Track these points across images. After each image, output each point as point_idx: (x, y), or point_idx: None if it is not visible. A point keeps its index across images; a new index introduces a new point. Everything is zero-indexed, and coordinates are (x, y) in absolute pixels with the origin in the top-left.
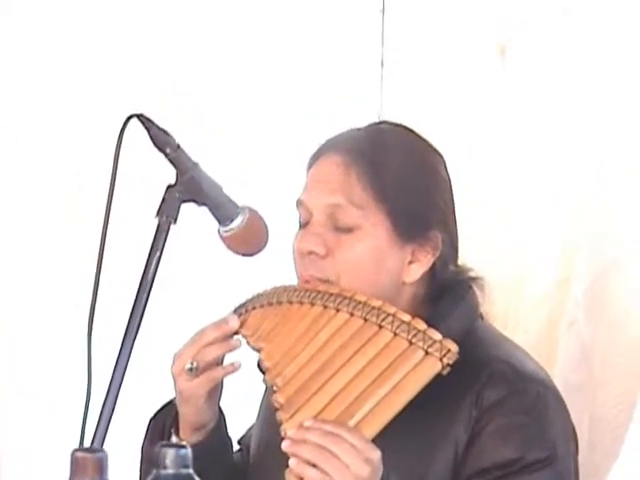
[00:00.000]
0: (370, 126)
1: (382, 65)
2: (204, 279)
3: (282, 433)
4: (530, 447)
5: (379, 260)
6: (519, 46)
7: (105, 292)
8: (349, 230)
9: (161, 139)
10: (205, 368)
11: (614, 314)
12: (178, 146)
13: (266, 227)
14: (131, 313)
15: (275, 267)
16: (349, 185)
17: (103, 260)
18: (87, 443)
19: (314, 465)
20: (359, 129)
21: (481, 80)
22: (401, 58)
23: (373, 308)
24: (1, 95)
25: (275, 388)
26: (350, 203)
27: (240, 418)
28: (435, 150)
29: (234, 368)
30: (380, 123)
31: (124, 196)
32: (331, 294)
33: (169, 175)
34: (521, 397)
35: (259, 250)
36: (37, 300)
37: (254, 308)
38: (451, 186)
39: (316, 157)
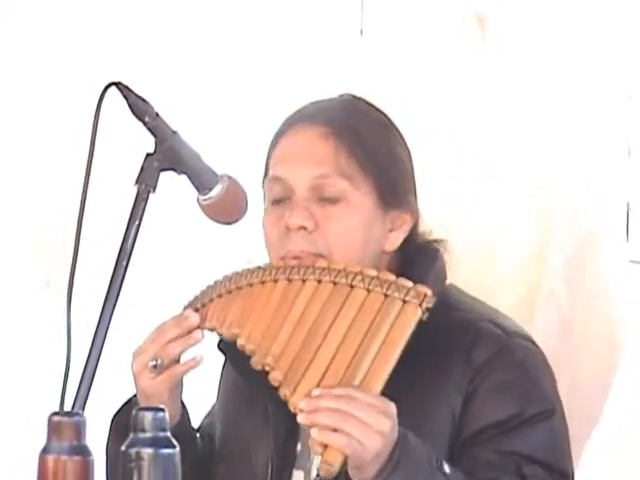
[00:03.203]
0: (336, 98)
1: (361, 34)
2: (183, 247)
3: (291, 408)
4: (527, 401)
5: (368, 230)
6: (498, 19)
7: (85, 260)
8: (336, 201)
9: (140, 107)
10: (168, 365)
11: (592, 285)
12: (157, 114)
13: (245, 195)
14: (110, 281)
15: (254, 235)
16: (334, 155)
17: (82, 228)
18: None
19: (335, 430)
20: (324, 101)
21: (461, 51)
22: (381, 27)
23: (339, 271)
24: None
25: (267, 368)
26: (337, 173)
27: (202, 408)
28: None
29: (196, 362)
30: (341, 95)
31: (103, 164)
32: (292, 267)
33: (149, 143)
34: (511, 353)
35: (238, 218)
36: (17, 268)
37: (211, 300)
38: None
39: (285, 131)
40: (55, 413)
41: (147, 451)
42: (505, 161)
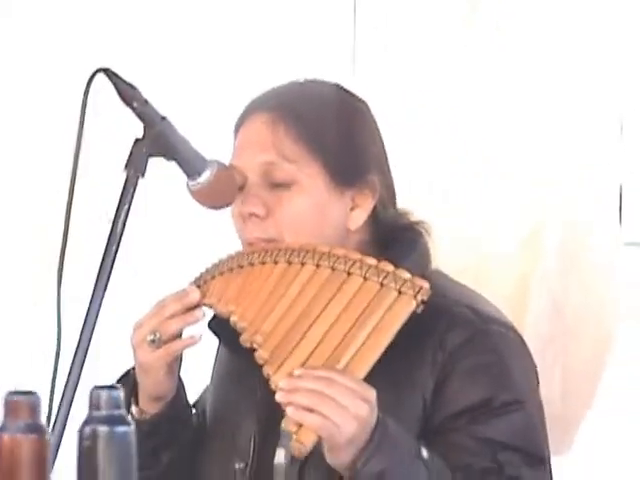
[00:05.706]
0: (292, 82)
1: (354, 26)
2: (173, 233)
3: (272, 386)
4: (500, 387)
5: (321, 211)
6: (489, 6)
7: (74, 245)
8: (286, 186)
9: (128, 94)
10: (167, 340)
11: (585, 268)
12: (146, 101)
13: (235, 180)
14: (100, 267)
15: None
16: (279, 140)
17: (71, 214)
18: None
19: (311, 411)
20: (275, 88)
21: (464, 48)
22: (374, 17)
23: (338, 257)
24: None
25: (255, 345)
26: (282, 158)
27: (198, 385)
28: (358, 98)
29: (194, 340)
30: (296, 80)
31: (92, 150)
32: (293, 249)
33: (138, 129)
34: (485, 337)
35: (228, 204)
36: (6, 254)
37: (213, 278)
38: (379, 129)
39: (242, 119)
40: (12, 393)
41: (102, 429)
42: (499, 151)
